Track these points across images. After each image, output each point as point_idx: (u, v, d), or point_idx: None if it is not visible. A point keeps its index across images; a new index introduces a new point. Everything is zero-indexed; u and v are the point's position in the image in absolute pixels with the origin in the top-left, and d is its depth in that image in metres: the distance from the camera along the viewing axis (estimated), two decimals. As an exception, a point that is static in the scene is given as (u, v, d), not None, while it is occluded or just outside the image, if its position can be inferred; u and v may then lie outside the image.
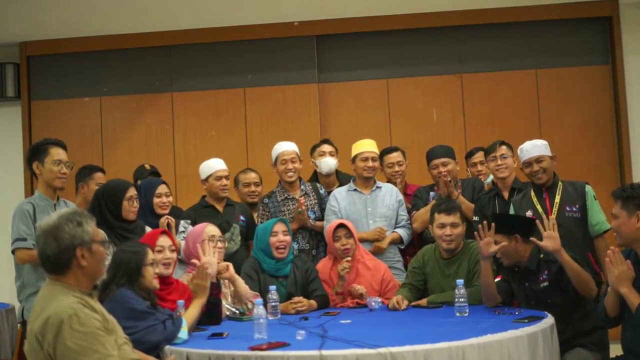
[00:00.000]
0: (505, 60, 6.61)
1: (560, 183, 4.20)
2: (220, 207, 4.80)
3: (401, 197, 4.79)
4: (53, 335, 2.29)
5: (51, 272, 2.43)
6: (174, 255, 3.64)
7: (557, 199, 4.12)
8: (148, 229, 4.18)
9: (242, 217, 4.77)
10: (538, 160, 4.16)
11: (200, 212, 4.76)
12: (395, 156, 4.98)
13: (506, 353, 2.86)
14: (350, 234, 4.21)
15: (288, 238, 4.17)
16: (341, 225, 4.24)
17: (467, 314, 3.50)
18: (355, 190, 4.73)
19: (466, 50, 6.65)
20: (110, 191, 4.02)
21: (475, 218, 4.49)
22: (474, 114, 6.57)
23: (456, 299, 3.56)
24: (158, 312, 3.16)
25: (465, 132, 6.55)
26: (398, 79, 6.67)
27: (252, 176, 5.11)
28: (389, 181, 4.99)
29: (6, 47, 6.75)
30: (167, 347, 3.05)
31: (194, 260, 3.71)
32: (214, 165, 4.88)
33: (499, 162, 4.51)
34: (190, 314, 3.29)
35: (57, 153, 3.92)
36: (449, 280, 3.91)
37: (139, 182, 5.05)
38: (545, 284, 3.61)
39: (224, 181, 4.82)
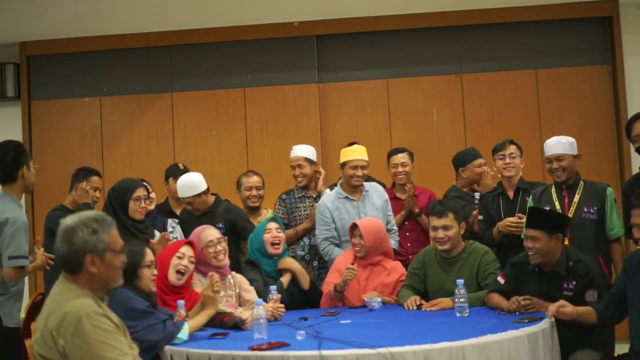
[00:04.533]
0: (505, 60, 6.60)
1: (581, 182, 4.17)
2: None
3: (387, 196, 4.77)
4: (71, 332, 2.30)
5: (64, 271, 2.46)
6: (192, 266, 3.63)
7: (576, 198, 4.11)
8: (157, 233, 4.19)
9: (221, 225, 4.60)
10: (558, 158, 4.14)
11: (184, 215, 4.80)
12: (400, 157, 4.99)
13: (506, 353, 2.87)
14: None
15: (282, 235, 4.23)
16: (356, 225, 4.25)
17: (467, 314, 3.50)
18: (346, 197, 4.65)
19: (466, 50, 6.64)
20: (118, 190, 4.09)
21: (480, 217, 4.51)
22: (474, 114, 6.57)
23: (456, 299, 3.56)
24: (158, 312, 3.16)
25: (465, 132, 6.55)
26: (398, 79, 6.66)
27: (254, 180, 4.97)
28: (394, 182, 5.01)
29: (6, 47, 6.73)
30: (167, 348, 3.05)
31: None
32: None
33: (507, 160, 4.52)
34: (196, 322, 3.26)
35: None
36: (451, 278, 3.88)
37: (170, 179, 5.09)
38: (569, 294, 3.53)
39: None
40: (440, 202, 4.22)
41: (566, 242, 3.89)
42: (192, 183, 4.61)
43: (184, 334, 3.12)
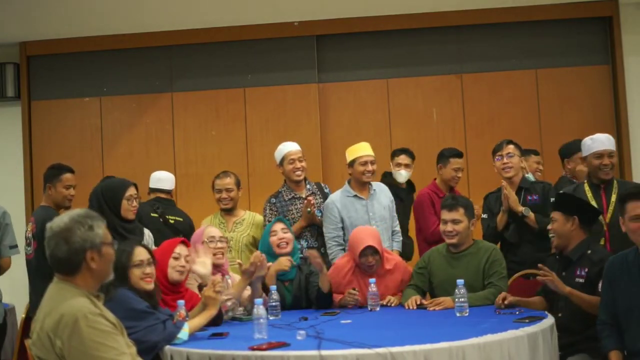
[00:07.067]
0: (505, 60, 6.61)
1: (615, 181, 4.12)
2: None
3: (391, 196, 4.78)
4: (67, 334, 2.30)
5: (60, 273, 2.45)
6: (189, 265, 3.64)
7: (614, 197, 4.04)
8: (146, 231, 4.17)
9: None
10: (610, 154, 4.07)
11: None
12: (462, 161, 5.04)
13: (506, 353, 2.86)
14: (376, 251, 4.09)
15: (288, 235, 4.21)
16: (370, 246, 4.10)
17: (467, 314, 3.50)
18: (354, 196, 4.64)
19: (466, 50, 6.65)
20: (110, 190, 4.00)
21: (484, 216, 4.50)
22: (474, 114, 6.57)
23: (456, 299, 3.56)
24: (158, 312, 3.16)
25: (465, 132, 6.55)
26: (398, 79, 6.67)
27: (224, 182, 4.88)
28: (452, 186, 5.02)
29: (6, 47, 6.74)
30: (167, 348, 3.05)
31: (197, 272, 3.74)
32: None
33: (505, 160, 4.51)
34: (196, 323, 3.26)
35: None
36: (458, 272, 3.86)
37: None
38: (581, 280, 3.56)
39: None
40: (453, 196, 4.20)
41: (602, 242, 3.92)
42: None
43: (184, 334, 3.11)
